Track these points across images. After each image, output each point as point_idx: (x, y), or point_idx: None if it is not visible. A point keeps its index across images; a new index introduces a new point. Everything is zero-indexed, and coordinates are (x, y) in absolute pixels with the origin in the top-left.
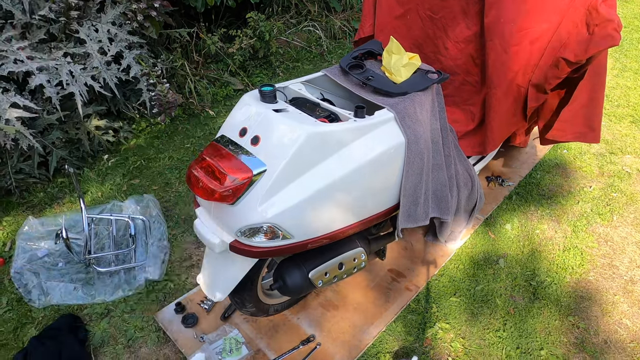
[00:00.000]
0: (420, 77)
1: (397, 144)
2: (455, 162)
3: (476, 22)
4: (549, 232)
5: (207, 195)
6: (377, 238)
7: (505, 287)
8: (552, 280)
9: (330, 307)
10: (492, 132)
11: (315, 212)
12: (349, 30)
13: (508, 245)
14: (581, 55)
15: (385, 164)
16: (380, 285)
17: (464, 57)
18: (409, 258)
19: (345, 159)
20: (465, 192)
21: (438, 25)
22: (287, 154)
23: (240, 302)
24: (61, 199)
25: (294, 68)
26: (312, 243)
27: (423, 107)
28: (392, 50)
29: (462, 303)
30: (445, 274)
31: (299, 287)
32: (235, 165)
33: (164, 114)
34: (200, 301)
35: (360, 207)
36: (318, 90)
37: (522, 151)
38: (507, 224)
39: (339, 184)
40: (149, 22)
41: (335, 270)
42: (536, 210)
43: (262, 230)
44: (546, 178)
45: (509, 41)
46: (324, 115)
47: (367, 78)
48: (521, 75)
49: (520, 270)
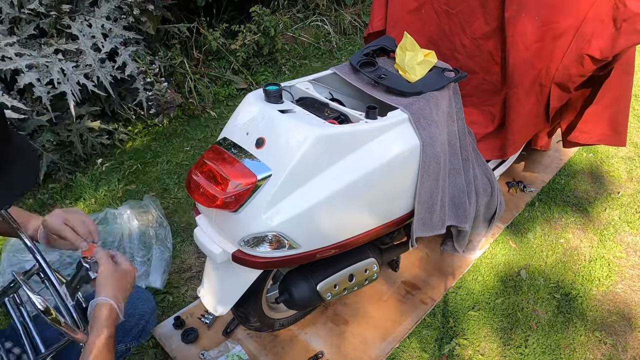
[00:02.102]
0: (436, 76)
1: (411, 147)
2: (474, 166)
3: (496, 17)
4: (574, 241)
5: (208, 202)
6: (390, 248)
7: (527, 300)
8: (577, 292)
9: (340, 322)
10: (512, 135)
11: (324, 220)
12: (360, 25)
13: (530, 255)
14: (607, 52)
15: (398, 169)
16: (394, 298)
17: (483, 54)
18: (424, 269)
19: (356, 163)
20: (485, 198)
21: (454, 21)
22: (294, 157)
23: (244, 317)
24: (52, 205)
25: (301, 66)
26: (321, 253)
27: (439, 107)
28: (406, 47)
29: (481, 317)
30: (463, 286)
31: (306, 300)
32: (239, 169)
33: (162, 114)
34: (200, 315)
35: (372, 214)
36: (327, 90)
37: (545, 155)
38: (529, 232)
39: (349, 189)
40: (145, 17)
41: (346, 282)
42: (560, 218)
43: (267, 239)
44: (571, 183)
45: (531, 37)
46: (333, 116)
47: (379, 76)
48: (544, 74)
49: (543, 282)
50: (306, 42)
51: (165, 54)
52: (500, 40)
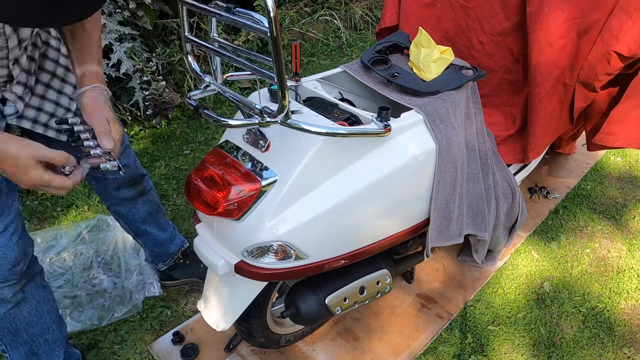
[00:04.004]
0: (453, 74)
1: (426, 150)
2: (494, 171)
3: (516, 12)
4: (601, 251)
5: (209, 210)
6: (404, 258)
7: (550, 315)
8: (604, 306)
9: (350, 338)
10: (535, 137)
11: (333, 228)
12: (372, 20)
13: (554, 266)
14: (636, 49)
15: (413, 174)
16: (408, 312)
17: (502, 52)
18: (440, 281)
19: (368, 168)
20: (505, 205)
21: (472, 16)
22: (301, 161)
23: (248, 332)
24: (42, 213)
25: (308, 63)
26: (330, 264)
27: (457, 108)
28: (421, 43)
29: (502, 332)
30: (482, 300)
31: (314, 315)
32: (242, 174)
33: (160, 115)
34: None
35: (385, 222)
36: (336, 89)
37: (569, 158)
38: (553, 242)
39: (360, 196)
40: (142, 11)
41: (356, 295)
42: (586, 226)
43: (272, 249)
44: (598, 189)
45: (554, 33)
46: (343, 117)
47: (392, 75)
48: (568, 72)
49: (568, 295)
50: (314, 38)
51: (164, 50)
52: (521, 36)
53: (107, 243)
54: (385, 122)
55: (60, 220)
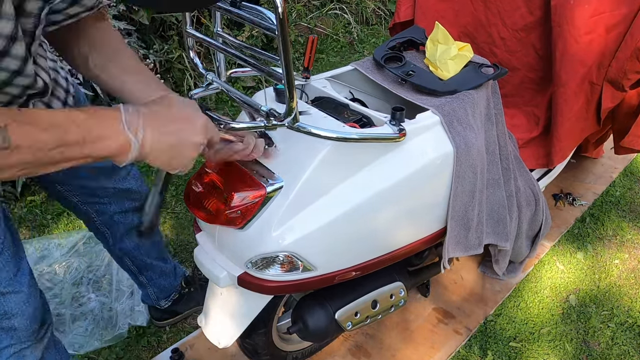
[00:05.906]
0: (472, 72)
1: (443, 154)
2: (516, 176)
3: (540, 6)
4: (630, 262)
5: (210, 218)
6: (419, 270)
7: (576, 330)
8: (634, 321)
9: (362, 355)
10: (560, 140)
11: (344, 238)
12: (385, 14)
13: (580, 278)
14: None
15: (429, 180)
16: (424, 327)
17: (525, 48)
18: (458, 294)
19: (381, 173)
20: (528, 213)
21: (492, 10)
22: (309, 166)
23: (252, 349)
24: (31, 221)
25: (317, 60)
26: (340, 276)
27: (476, 109)
28: (437, 39)
29: (524, 350)
30: (503, 314)
31: (323, 331)
32: (245, 180)
33: None
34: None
35: (399, 232)
36: (347, 88)
37: (596, 163)
38: (579, 252)
39: (373, 203)
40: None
41: (368, 309)
42: (615, 235)
43: (277, 260)
44: (627, 196)
45: (580, 28)
46: (354, 119)
47: (406, 73)
48: (595, 70)
49: (595, 310)
50: (323, 34)
51: (161, 47)
52: (545, 32)
53: (100, 258)
54: (400, 125)
55: (51, 229)
